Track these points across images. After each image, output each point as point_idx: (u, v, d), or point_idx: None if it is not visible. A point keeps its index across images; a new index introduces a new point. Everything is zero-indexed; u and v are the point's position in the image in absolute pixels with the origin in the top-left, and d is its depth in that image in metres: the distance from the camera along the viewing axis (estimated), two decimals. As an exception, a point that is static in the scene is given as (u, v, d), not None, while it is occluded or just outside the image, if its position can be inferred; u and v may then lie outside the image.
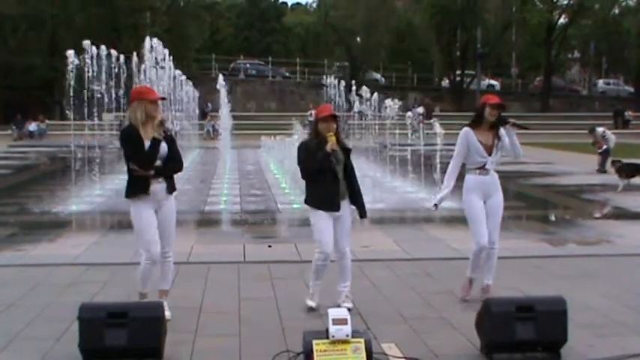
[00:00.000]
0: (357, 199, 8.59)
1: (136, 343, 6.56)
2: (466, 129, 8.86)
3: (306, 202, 8.65)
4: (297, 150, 8.64)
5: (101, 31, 62.67)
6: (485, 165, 8.78)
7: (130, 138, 7.94)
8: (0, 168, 30.37)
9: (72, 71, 21.88)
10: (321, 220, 8.47)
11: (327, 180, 8.41)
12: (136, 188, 8.01)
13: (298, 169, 8.71)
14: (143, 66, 30.02)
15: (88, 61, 23.38)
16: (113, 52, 27.65)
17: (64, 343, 7.32)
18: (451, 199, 9.58)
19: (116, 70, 28.19)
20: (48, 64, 59.63)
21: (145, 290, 8.26)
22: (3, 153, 39.23)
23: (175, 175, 8.31)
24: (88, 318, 6.62)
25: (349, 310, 7.42)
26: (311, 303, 8.60)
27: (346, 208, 8.58)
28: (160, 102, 8.11)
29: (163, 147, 7.97)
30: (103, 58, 25.77)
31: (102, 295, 9.12)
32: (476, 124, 8.85)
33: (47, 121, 55.24)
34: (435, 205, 9.18)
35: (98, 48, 25.03)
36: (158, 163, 7.97)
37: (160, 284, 8.35)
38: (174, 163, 8.15)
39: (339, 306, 8.02)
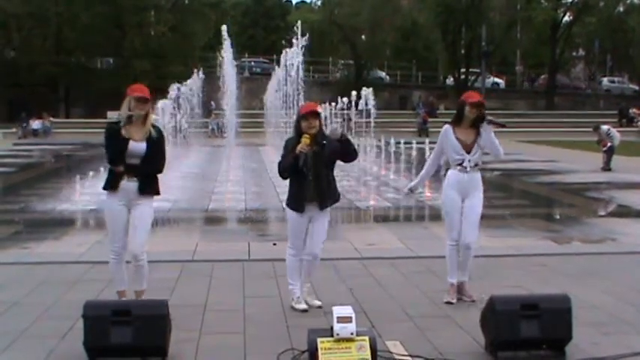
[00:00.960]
0: (346, 151, 8.41)
1: (141, 341, 6.56)
2: (446, 126, 8.88)
3: (286, 200, 8.69)
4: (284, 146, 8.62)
5: (106, 29, 62.88)
6: (462, 163, 8.74)
7: (108, 132, 8.03)
8: (5, 166, 30.41)
9: None
10: (292, 219, 8.52)
11: (298, 180, 8.40)
12: (107, 182, 8.10)
13: None
14: None
15: None
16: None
17: (69, 340, 7.32)
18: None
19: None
20: (53, 63, 59.78)
21: (120, 289, 8.31)
22: (8, 151, 39.27)
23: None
24: (92, 316, 6.62)
25: (320, 307, 7.45)
26: (301, 306, 8.55)
27: (324, 211, 8.50)
28: (148, 102, 8.09)
29: (140, 146, 7.96)
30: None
31: (106, 293, 9.13)
32: (457, 121, 8.83)
33: (52, 119, 55.32)
34: (410, 190, 9.32)
35: (103, 46, 24.99)
36: (133, 161, 7.98)
37: (134, 285, 8.32)
38: (150, 163, 8.06)
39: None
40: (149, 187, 8.13)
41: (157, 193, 8.28)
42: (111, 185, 8.06)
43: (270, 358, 6.79)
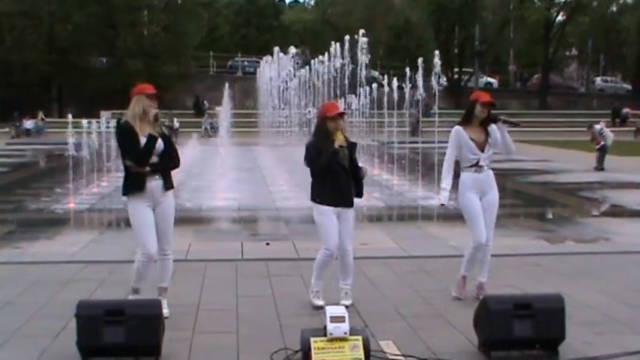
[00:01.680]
0: (358, 183, 8.70)
1: (134, 341, 6.55)
2: (457, 127, 8.84)
3: (313, 199, 8.62)
4: (306, 149, 8.60)
5: (98, 28, 62.78)
6: (478, 162, 8.76)
7: (126, 134, 7.93)
8: (-2, 166, 30.38)
9: None
10: (327, 217, 8.50)
11: (338, 176, 8.47)
12: (133, 185, 7.99)
13: (307, 168, 8.68)
14: None
15: None
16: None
17: (62, 340, 7.31)
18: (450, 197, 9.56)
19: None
20: (46, 62, 59.66)
21: (138, 286, 8.27)
22: (1, 151, 39.18)
23: (173, 172, 8.28)
24: (85, 315, 6.61)
25: (347, 307, 7.40)
26: (319, 302, 8.56)
27: (351, 208, 8.65)
28: (156, 97, 8.09)
29: (159, 143, 7.95)
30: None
31: (100, 292, 9.11)
32: (466, 121, 8.83)
33: (45, 119, 55.22)
34: (443, 204, 9.15)
35: (96, 46, 24.96)
36: (154, 159, 7.96)
37: (159, 282, 8.35)
38: (170, 159, 8.12)
39: (338, 303, 8.04)
40: (171, 183, 8.20)
41: (173, 186, 8.32)
42: (137, 187, 7.96)
43: (263, 358, 6.78)
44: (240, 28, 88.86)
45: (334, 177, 8.46)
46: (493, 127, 8.80)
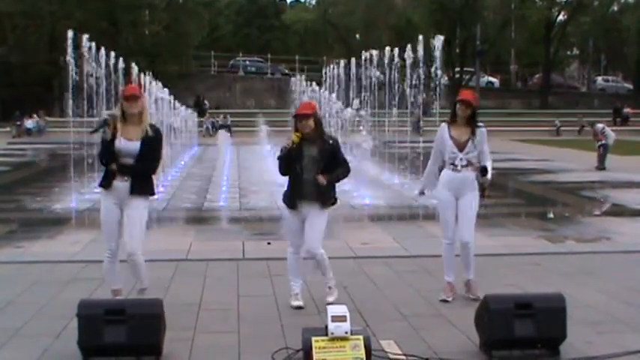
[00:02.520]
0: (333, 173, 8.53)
1: (135, 340, 6.55)
2: (442, 124, 8.92)
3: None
4: None
5: (100, 27, 62.72)
6: (454, 161, 8.74)
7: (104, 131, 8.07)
8: (-1, 165, 30.39)
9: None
10: (286, 216, 8.67)
11: (292, 178, 8.50)
12: (102, 180, 8.16)
13: None
14: None
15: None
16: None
17: (63, 340, 7.31)
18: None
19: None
20: (47, 61, 59.62)
21: (115, 287, 8.30)
22: (2, 150, 39.19)
23: (156, 177, 8.29)
24: (86, 315, 6.61)
25: (329, 304, 7.46)
26: (297, 302, 8.59)
27: (315, 210, 8.48)
28: (138, 100, 8.05)
29: (134, 145, 7.95)
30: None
31: (101, 292, 9.12)
32: (452, 119, 8.84)
33: (47, 118, 55.21)
34: (421, 193, 9.33)
35: (97, 45, 24.91)
36: (127, 160, 7.97)
37: (138, 284, 8.35)
38: (142, 163, 8.03)
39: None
40: (141, 188, 8.10)
41: (151, 193, 8.27)
42: (104, 183, 8.09)
43: (265, 357, 6.78)
44: (241, 27, 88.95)
45: (293, 179, 8.50)
46: (481, 131, 8.77)
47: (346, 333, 6.43)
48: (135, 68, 28.82)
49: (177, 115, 36.93)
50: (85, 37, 22.53)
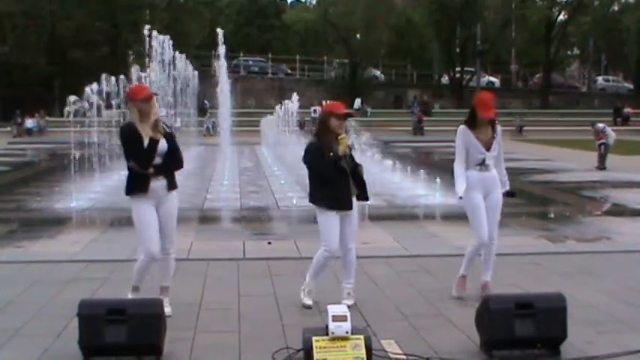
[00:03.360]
0: (361, 185, 8.62)
1: (136, 340, 6.55)
2: (462, 127, 8.81)
3: (314, 201, 8.59)
4: (306, 151, 8.55)
5: (100, 27, 62.79)
6: (484, 161, 8.74)
7: (129, 136, 7.92)
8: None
9: None
10: (330, 219, 8.47)
11: (340, 180, 8.42)
12: (136, 186, 7.99)
13: (306, 168, 8.66)
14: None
15: None
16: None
17: (64, 339, 7.31)
18: (450, 196, 9.56)
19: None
20: (47, 61, 59.69)
21: (139, 284, 8.29)
22: (2, 150, 39.20)
23: (176, 172, 8.28)
24: (87, 315, 6.61)
25: (349, 307, 7.40)
26: (309, 301, 8.61)
27: (355, 206, 8.60)
28: (153, 98, 8.04)
29: (162, 144, 7.94)
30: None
31: (101, 291, 9.12)
32: (471, 123, 8.80)
33: (47, 118, 55.24)
34: (461, 197, 9.10)
35: (97, 45, 24.95)
36: (157, 160, 7.95)
37: (161, 281, 8.37)
38: (173, 160, 8.10)
39: (341, 303, 8.08)
40: (174, 183, 8.22)
41: (176, 186, 8.32)
42: (141, 188, 7.96)
43: (265, 357, 6.78)
44: (242, 27, 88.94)
45: (336, 181, 8.43)
46: (499, 129, 8.79)
47: (347, 333, 6.42)
48: None
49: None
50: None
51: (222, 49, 37.27)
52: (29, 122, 53.93)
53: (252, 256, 11.62)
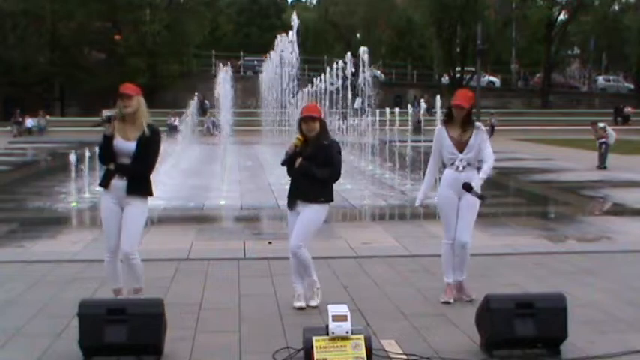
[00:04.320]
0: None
1: (136, 340, 6.55)
2: (439, 127, 8.85)
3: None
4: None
5: (101, 27, 62.82)
6: (454, 162, 8.69)
7: (104, 133, 8.11)
8: (0, 164, 30.38)
9: None
10: (288, 217, 8.69)
11: (292, 180, 8.61)
12: (101, 180, 8.20)
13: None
14: None
15: None
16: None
17: (64, 339, 7.31)
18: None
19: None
20: (48, 60, 59.71)
21: (115, 286, 8.28)
22: (3, 149, 39.20)
23: (154, 177, 8.30)
24: (87, 314, 6.61)
25: (314, 307, 7.46)
26: (297, 303, 8.60)
27: (307, 208, 8.47)
28: (131, 97, 7.98)
29: (129, 145, 7.93)
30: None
31: (102, 291, 9.12)
32: (448, 121, 8.78)
33: (48, 117, 55.25)
34: (420, 205, 9.13)
35: (97, 45, 25.00)
36: (124, 160, 7.97)
37: (131, 283, 8.29)
38: (138, 163, 7.99)
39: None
40: (138, 188, 8.05)
41: (149, 194, 8.19)
42: (103, 183, 8.11)
43: (266, 357, 6.78)
44: (242, 27, 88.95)
45: (292, 180, 8.62)
46: (480, 131, 8.70)
47: (347, 332, 6.43)
48: None
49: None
50: None
51: None
52: (29, 122, 53.92)
53: (253, 255, 11.62)
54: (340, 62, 31.94)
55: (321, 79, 36.83)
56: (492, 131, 50.84)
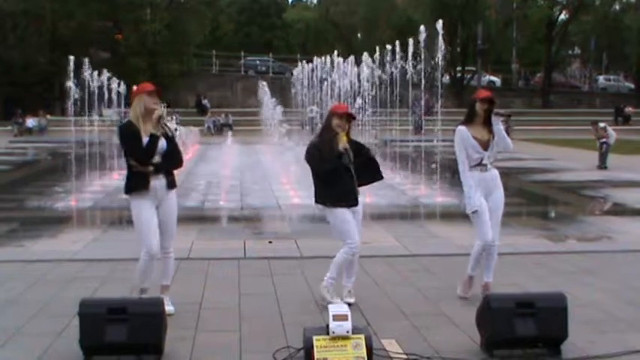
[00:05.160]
0: (374, 165, 8.90)
1: (137, 339, 6.55)
2: (459, 127, 8.78)
3: (320, 201, 8.64)
4: (307, 151, 8.62)
5: (101, 27, 62.78)
6: (482, 160, 8.72)
7: (128, 134, 7.96)
8: (0, 164, 30.37)
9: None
10: (344, 215, 8.52)
11: (344, 177, 8.49)
12: (136, 184, 8.01)
13: (310, 168, 8.70)
14: None
15: None
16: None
17: (65, 338, 7.31)
18: (450, 196, 9.56)
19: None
20: (48, 60, 59.65)
21: (145, 285, 8.26)
22: (3, 149, 39.20)
23: (176, 171, 8.30)
24: (88, 314, 6.61)
25: (350, 305, 7.38)
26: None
27: (360, 203, 8.66)
28: (157, 93, 8.07)
29: (162, 143, 7.95)
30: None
31: (102, 290, 9.12)
32: (469, 120, 8.79)
33: (48, 117, 55.21)
34: (475, 210, 8.85)
35: (97, 44, 25.02)
36: (157, 159, 7.96)
37: (161, 280, 8.36)
38: (173, 159, 8.13)
39: (342, 300, 8.15)
40: (174, 182, 8.24)
41: (176, 186, 8.35)
42: (141, 186, 7.98)
43: (266, 356, 6.78)
44: (243, 26, 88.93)
45: (340, 179, 8.48)
46: (497, 126, 8.76)
47: (347, 332, 6.42)
48: None
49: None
50: None
51: None
52: (30, 121, 53.87)
53: (253, 255, 11.62)
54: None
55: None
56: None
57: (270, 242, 12.70)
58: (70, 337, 7.05)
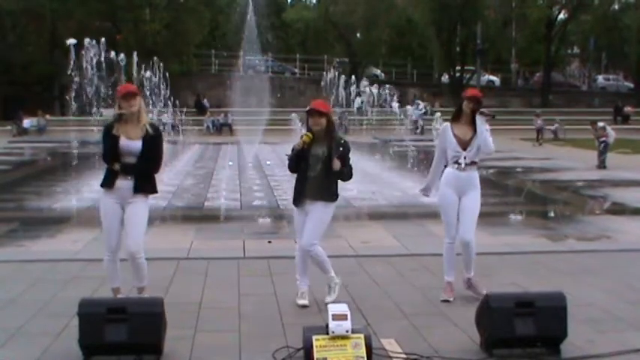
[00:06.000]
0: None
1: (136, 339, 6.55)
2: (444, 124, 8.92)
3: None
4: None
5: (101, 26, 62.70)
6: (458, 159, 8.72)
7: (104, 133, 8.08)
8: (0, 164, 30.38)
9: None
10: (295, 215, 8.70)
11: (298, 177, 8.57)
12: (104, 181, 8.15)
13: None
14: None
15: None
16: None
17: (64, 338, 7.31)
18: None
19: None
20: (48, 60, 59.62)
21: (114, 286, 8.31)
22: (2, 149, 39.18)
23: (163, 173, 8.31)
24: (87, 313, 6.61)
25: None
26: (300, 301, 8.62)
27: (316, 206, 8.50)
28: (134, 97, 8.04)
29: (136, 144, 7.95)
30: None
31: (102, 290, 9.12)
32: (455, 118, 8.82)
33: (47, 117, 55.17)
34: (424, 191, 9.37)
35: (98, 43, 25.03)
36: (130, 159, 7.98)
37: (133, 282, 8.33)
38: (146, 162, 8.04)
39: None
40: (144, 186, 8.13)
41: (154, 191, 8.28)
42: (107, 183, 8.09)
43: (266, 356, 6.79)
44: (242, 26, 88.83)
45: (299, 177, 8.57)
46: (480, 127, 8.71)
47: (347, 332, 6.43)
48: None
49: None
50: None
51: None
52: (26, 122, 53.76)
53: (253, 254, 11.62)
54: None
55: None
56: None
57: (270, 242, 12.70)
58: (69, 337, 7.04)
